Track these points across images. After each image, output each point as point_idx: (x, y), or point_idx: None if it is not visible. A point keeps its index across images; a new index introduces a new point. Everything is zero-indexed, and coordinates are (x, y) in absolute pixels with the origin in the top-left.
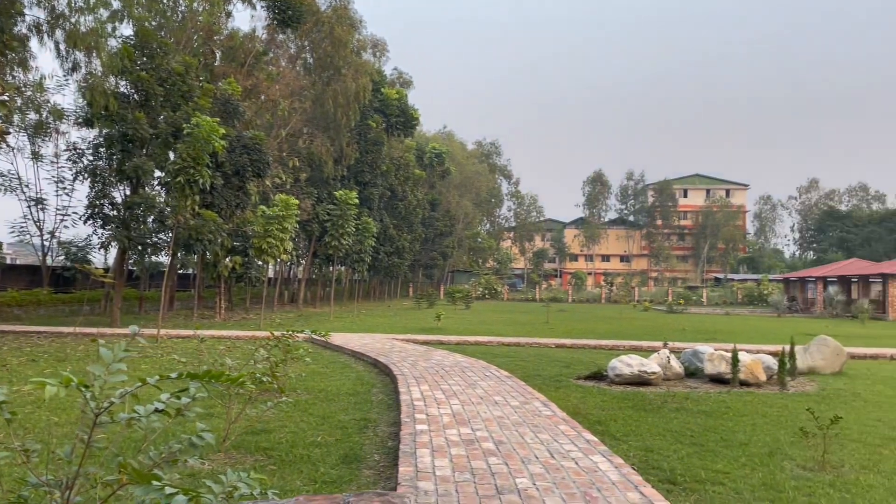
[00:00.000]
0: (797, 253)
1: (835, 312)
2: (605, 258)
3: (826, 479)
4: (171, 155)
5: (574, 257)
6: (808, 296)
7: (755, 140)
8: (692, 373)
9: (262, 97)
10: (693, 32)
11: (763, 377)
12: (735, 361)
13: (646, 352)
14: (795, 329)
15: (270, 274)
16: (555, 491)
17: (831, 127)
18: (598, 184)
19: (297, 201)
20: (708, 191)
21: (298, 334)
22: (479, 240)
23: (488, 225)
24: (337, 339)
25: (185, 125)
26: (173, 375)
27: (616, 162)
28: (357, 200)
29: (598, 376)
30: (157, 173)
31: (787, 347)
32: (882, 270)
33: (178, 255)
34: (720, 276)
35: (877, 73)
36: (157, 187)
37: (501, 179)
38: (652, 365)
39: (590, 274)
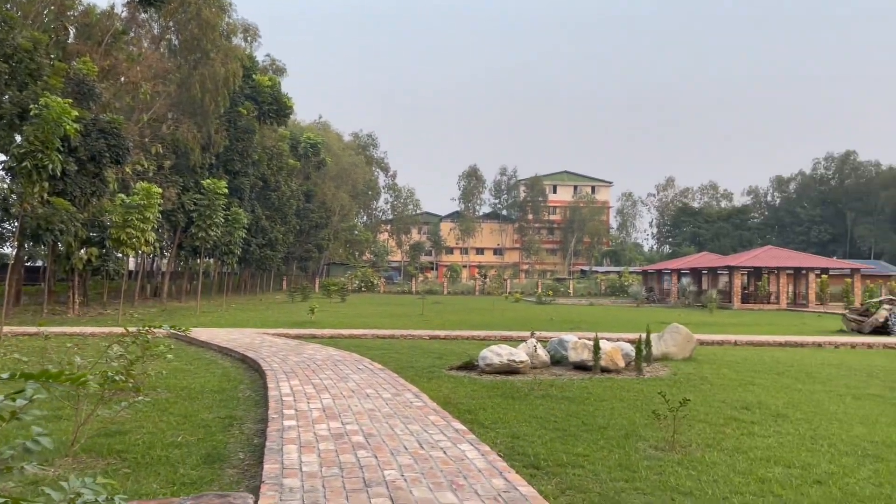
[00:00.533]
0: (655, 247)
1: (687, 302)
2: (480, 251)
3: (675, 458)
4: (18, 138)
5: (450, 250)
6: (664, 287)
7: (619, 139)
8: (558, 361)
9: (122, 79)
10: (564, 33)
11: (622, 363)
12: (596, 349)
13: (515, 341)
14: (652, 318)
15: (132, 267)
16: (422, 481)
17: (687, 128)
18: (473, 178)
19: (160, 190)
20: (575, 187)
21: (157, 330)
22: (356, 232)
23: (365, 217)
24: (203, 334)
25: (32, 106)
26: (4, 376)
27: (491, 157)
28: (226, 190)
29: (470, 366)
30: (1, 157)
31: (644, 335)
32: (728, 263)
33: (25, 246)
34: (586, 268)
35: (727, 78)
36: (1, 172)
37: (378, 172)
38: (520, 354)
39: (465, 266)
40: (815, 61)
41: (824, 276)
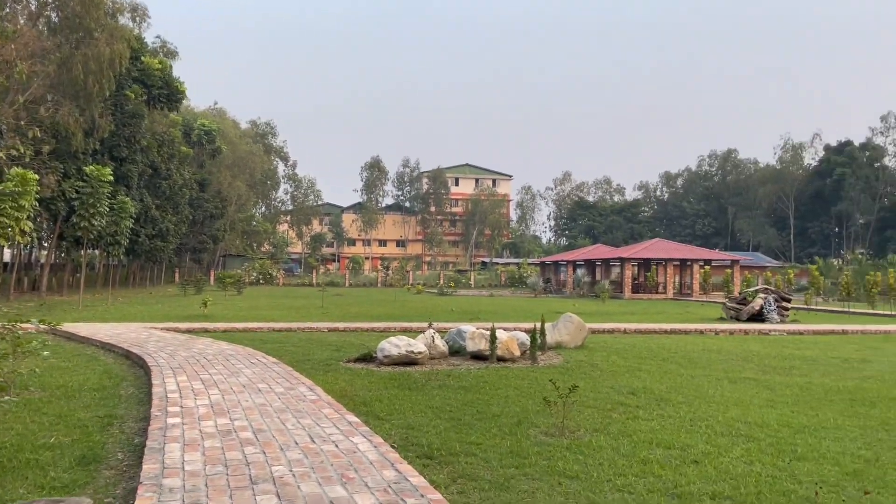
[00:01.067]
0: (552, 239)
1: (582, 292)
2: (383, 243)
3: (564, 443)
4: None
5: (352, 242)
6: (560, 277)
7: (520, 134)
8: (456, 351)
9: None
10: (465, 27)
11: (517, 352)
12: (493, 339)
13: (415, 332)
14: (548, 308)
15: (7, 258)
16: (311, 475)
17: (584, 124)
18: (375, 170)
19: (36, 176)
20: (477, 180)
21: (25, 325)
22: (254, 223)
23: (264, 208)
24: (84, 329)
25: None
26: None
27: (394, 149)
28: (111, 177)
29: (368, 358)
30: None
31: (538, 325)
32: (620, 255)
33: None
34: (487, 260)
35: (622, 77)
36: None
37: (278, 161)
38: (418, 345)
39: (367, 258)
40: (704, 63)
41: (707, 267)
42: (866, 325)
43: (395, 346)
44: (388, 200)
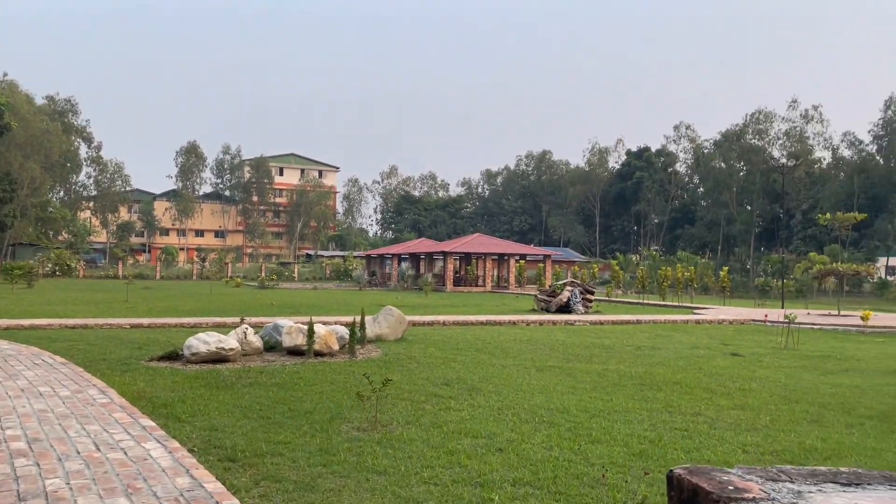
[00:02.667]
0: (379, 232)
1: (406, 285)
2: (200, 233)
3: (376, 438)
4: None
5: (165, 231)
6: (385, 271)
7: (347, 126)
8: (272, 347)
9: None
10: (302, 17)
11: (336, 347)
12: (311, 333)
13: (229, 328)
14: (372, 301)
15: None
16: (92, 488)
17: (410, 120)
18: (192, 155)
19: None
20: (302, 170)
21: None
22: (50, 209)
23: (62, 193)
24: None
25: None
26: None
27: (213, 134)
28: None
29: (174, 356)
30: None
31: (359, 318)
32: (443, 249)
33: None
34: (311, 252)
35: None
36: None
37: (80, 142)
38: (230, 341)
39: (182, 249)
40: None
41: (522, 261)
42: (657, 316)
43: (204, 342)
44: (207, 188)
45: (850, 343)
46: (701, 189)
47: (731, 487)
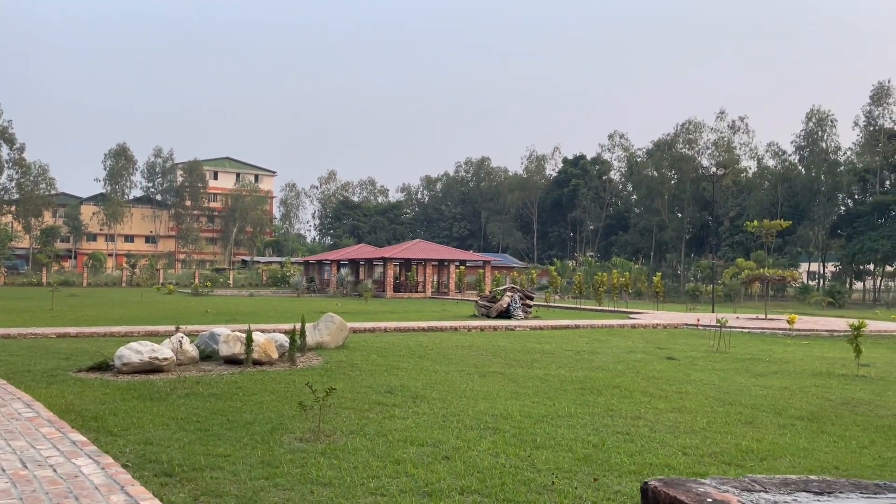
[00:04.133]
0: (317, 238)
1: (345, 292)
2: (129, 238)
3: (319, 448)
4: None
5: (93, 237)
6: (324, 277)
7: (284, 130)
8: (208, 356)
9: None
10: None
11: (276, 355)
12: (249, 341)
13: (162, 336)
14: (311, 307)
15: None
16: None
17: (349, 124)
18: (121, 158)
19: None
20: (238, 175)
21: None
22: None
23: None
24: None
25: None
26: None
27: (143, 137)
28: None
29: (104, 367)
30: None
31: (299, 325)
32: (383, 255)
33: None
34: (247, 258)
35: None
36: None
37: (1, 143)
38: (164, 350)
39: (111, 255)
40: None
41: (462, 267)
42: (594, 321)
43: (136, 352)
44: (137, 192)
45: (777, 346)
46: (634, 196)
47: (709, 500)
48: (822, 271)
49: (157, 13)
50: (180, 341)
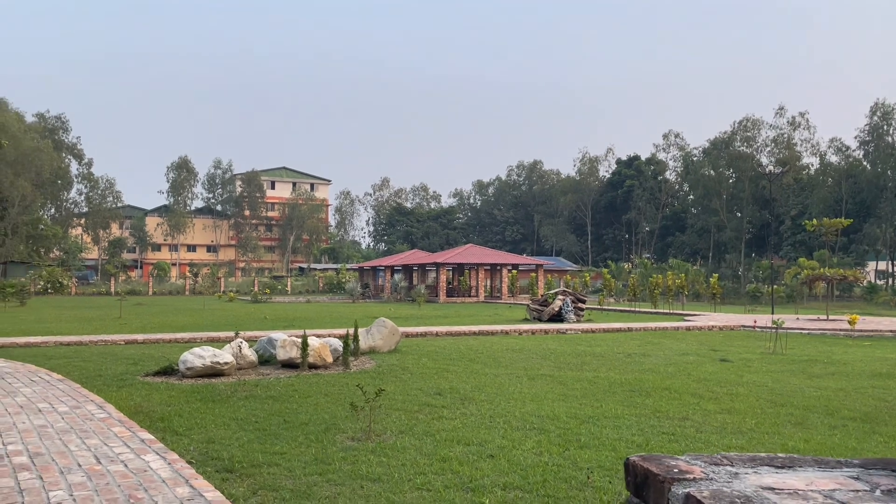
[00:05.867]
0: (371, 244)
1: (399, 297)
2: (192, 248)
3: (370, 447)
4: None
5: (157, 247)
6: (378, 283)
7: (338, 138)
8: (266, 360)
9: None
10: (288, 24)
11: (330, 359)
12: (305, 346)
13: (223, 342)
14: (365, 313)
15: None
16: (95, 499)
17: (402, 131)
18: (183, 170)
19: None
20: (294, 184)
21: None
22: (42, 227)
23: (53, 210)
24: None
25: None
26: None
27: (204, 149)
28: None
29: (169, 371)
30: None
31: (352, 330)
32: (436, 260)
33: None
34: (304, 265)
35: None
36: None
37: (70, 159)
38: (225, 355)
39: (174, 265)
40: (510, 77)
41: (515, 271)
42: (648, 323)
43: (199, 357)
44: (198, 203)
45: (837, 347)
46: (691, 196)
47: (676, 470)
48: (891, 270)
49: (212, 29)
50: (240, 346)
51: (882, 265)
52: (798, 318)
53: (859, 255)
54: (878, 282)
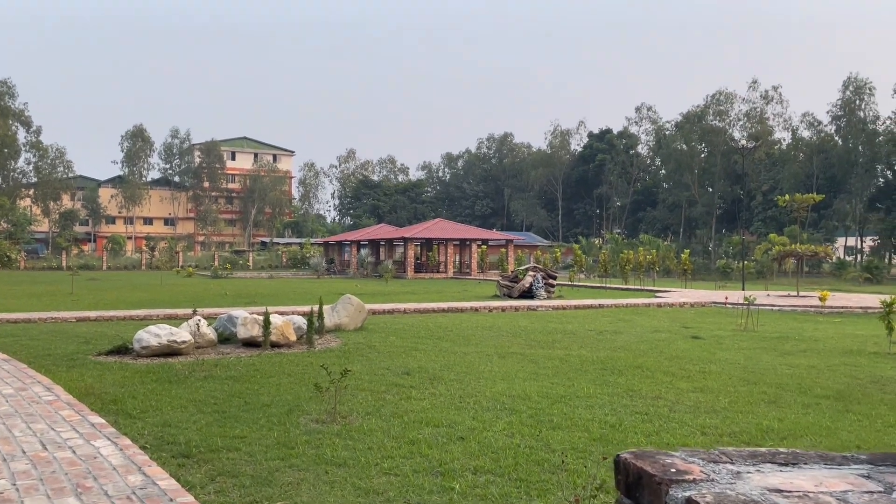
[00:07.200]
0: (337, 218)
1: (365, 273)
2: (148, 221)
3: (335, 430)
4: None
5: (111, 220)
6: (344, 258)
7: (302, 108)
8: (227, 338)
9: None
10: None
11: (293, 337)
12: (267, 324)
13: (181, 319)
14: (330, 289)
15: None
16: (40, 488)
17: (367, 103)
18: (138, 139)
19: None
20: (256, 154)
21: None
22: None
23: (0, 180)
24: None
25: None
26: None
27: (160, 118)
28: None
29: (123, 350)
30: None
31: (316, 307)
32: (403, 235)
33: None
34: (267, 240)
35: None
36: None
37: (17, 126)
38: (182, 333)
39: (130, 238)
40: (484, 51)
41: (484, 246)
42: (619, 300)
43: (154, 335)
44: (155, 174)
45: (808, 324)
46: (663, 171)
47: (673, 470)
48: (859, 246)
49: None
50: (198, 324)
51: (851, 241)
52: (769, 295)
53: (829, 231)
54: (847, 258)
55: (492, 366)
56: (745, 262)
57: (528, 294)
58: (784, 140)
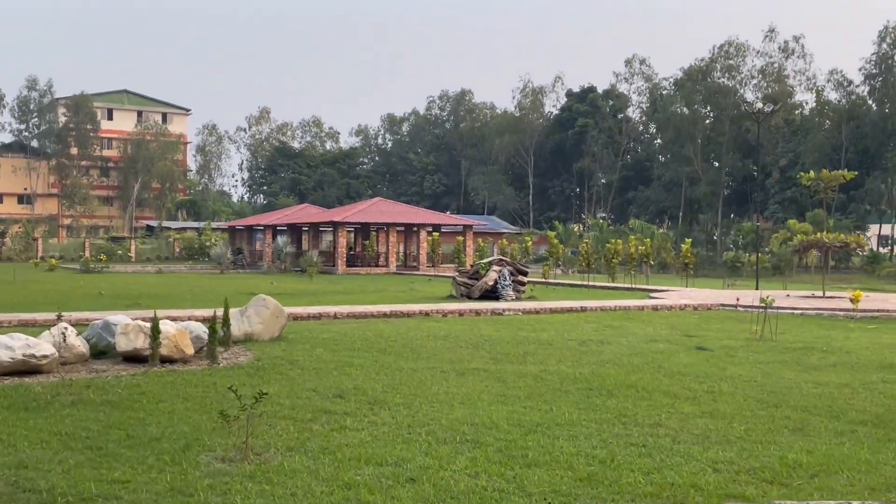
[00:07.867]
0: (246, 196)
1: (284, 266)
2: None
3: (246, 470)
4: None
5: None
6: (256, 247)
7: (200, 57)
8: (102, 351)
9: None
10: None
11: (191, 350)
12: (155, 334)
13: (41, 327)
14: (238, 287)
15: None
16: None
17: (287, 52)
18: None
19: None
20: (140, 113)
21: None
22: None
23: None
24: None
25: None
26: None
27: (10, 62)
28: None
29: None
30: None
31: (221, 311)
32: (333, 218)
33: None
34: (154, 223)
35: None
36: None
37: None
38: (43, 346)
39: None
40: None
41: (436, 233)
42: (605, 301)
43: (5, 348)
44: (6, 137)
45: (837, 331)
46: (658, 141)
47: None
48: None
49: None
50: (64, 333)
51: (886, 229)
52: (788, 295)
53: (860, 217)
54: (882, 249)
55: (448, 386)
56: (759, 255)
57: (491, 294)
58: (807, 103)
